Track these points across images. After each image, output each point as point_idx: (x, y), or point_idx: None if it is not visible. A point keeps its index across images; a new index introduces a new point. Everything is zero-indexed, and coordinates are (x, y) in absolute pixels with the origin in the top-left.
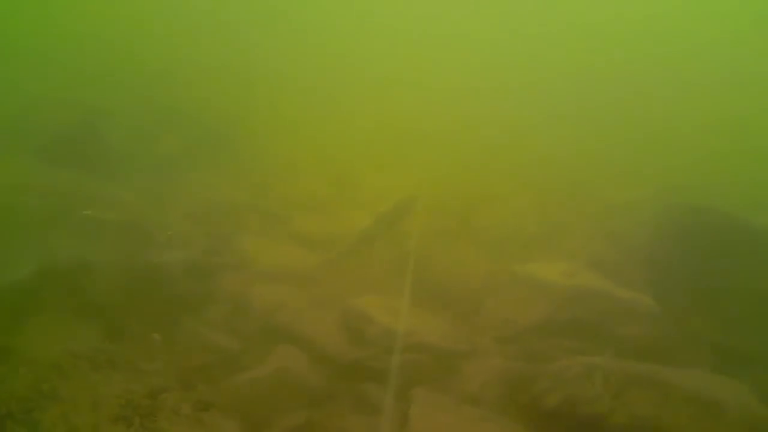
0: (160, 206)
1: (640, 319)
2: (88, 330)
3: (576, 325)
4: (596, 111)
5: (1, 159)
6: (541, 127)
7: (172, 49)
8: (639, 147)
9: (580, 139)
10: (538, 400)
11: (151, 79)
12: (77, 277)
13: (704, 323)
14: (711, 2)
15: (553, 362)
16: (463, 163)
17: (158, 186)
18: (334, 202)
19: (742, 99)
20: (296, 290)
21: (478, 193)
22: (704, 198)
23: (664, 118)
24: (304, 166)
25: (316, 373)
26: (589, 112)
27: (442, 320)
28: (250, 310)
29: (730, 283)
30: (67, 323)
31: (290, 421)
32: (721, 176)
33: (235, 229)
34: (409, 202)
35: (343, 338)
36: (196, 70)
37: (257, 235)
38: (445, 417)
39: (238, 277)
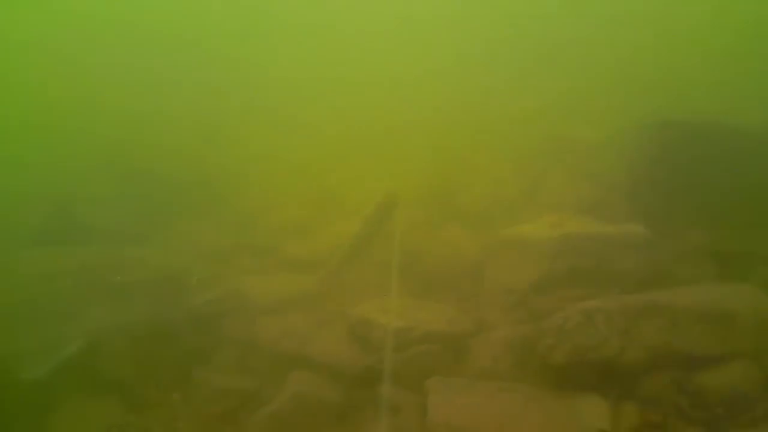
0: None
1: (636, 251)
2: (107, 406)
3: (574, 273)
4: (559, 49)
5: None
6: (510, 80)
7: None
8: (608, 77)
9: (549, 85)
10: (546, 359)
11: (119, 135)
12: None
13: (701, 236)
14: None
15: (553, 317)
16: (437, 143)
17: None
18: (319, 220)
19: None
20: (298, 316)
21: (456, 170)
22: (678, 111)
23: (629, 40)
24: (283, 191)
25: (332, 389)
26: (552, 52)
27: (446, 305)
28: (257, 347)
29: (718, 190)
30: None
31: None
32: (691, 86)
33: (228, 272)
34: (389, 199)
35: (352, 350)
36: (164, 118)
37: (251, 272)
38: (462, 398)
39: (241, 319)
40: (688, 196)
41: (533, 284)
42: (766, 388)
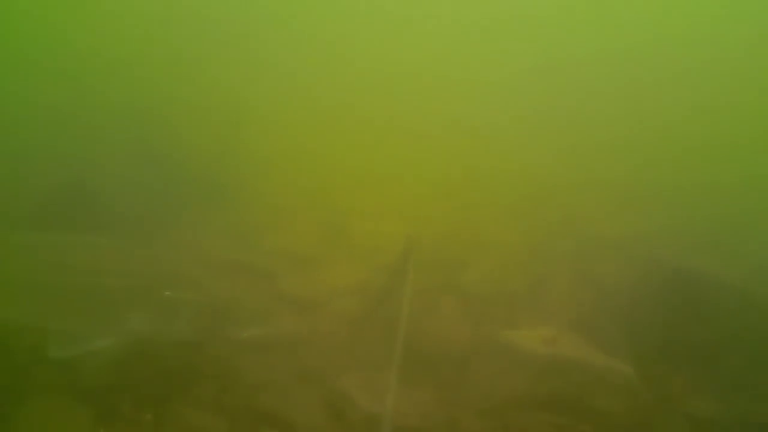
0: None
1: (617, 390)
2: (77, 414)
3: (555, 398)
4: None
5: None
6: (534, 158)
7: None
8: (628, 175)
9: (570, 168)
10: None
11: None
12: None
13: (682, 390)
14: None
15: None
16: (455, 206)
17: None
18: (323, 254)
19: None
20: (283, 363)
21: (469, 239)
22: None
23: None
24: (293, 212)
25: None
26: (580, 137)
27: (423, 394)
28: (237, 387)
29: (709, 347)
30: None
31: None
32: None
33: (216, 291)
34: (409, 245)
35: (325, 420)
36: (180, 110)
37: (245, 297)
38: None
39: (226, 348)
40: (677, 345)
41: (513, 398)
42: None
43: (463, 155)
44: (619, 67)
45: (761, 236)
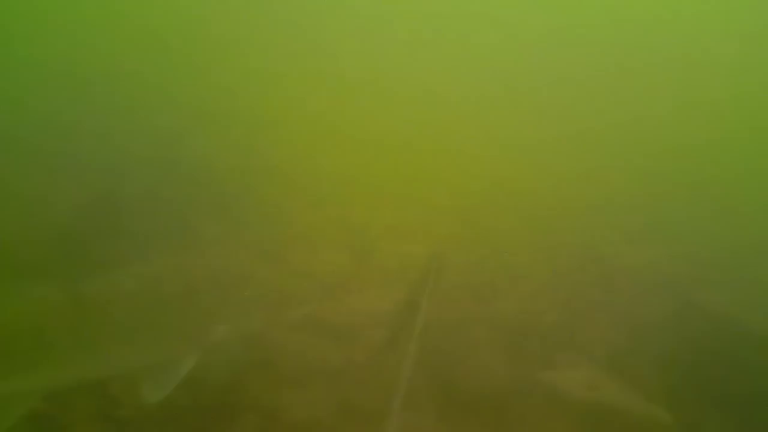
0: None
1: None
2: None
3: None
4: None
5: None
6: (560, 180)
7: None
8: (656, 202)
9: (596, 198)
10: None
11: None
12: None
13: None
14: None
15: None
16: (485, 232)
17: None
18: (353, 279)
19: None
20: (323, 396)
21: (499, 268)
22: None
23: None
24: (320, 234)
25: None
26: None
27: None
28: (283, 424)
29: (743, 395)
30: None
31: None
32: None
33: (243, 316)
34: (434, 263)
35: None
36: (203, 121)
37: (281, 323)
38: None
39: (266, 380)
40: (714, 392)
41: None
42: None
43: (489, 176)
44: (648, 94)
45: None
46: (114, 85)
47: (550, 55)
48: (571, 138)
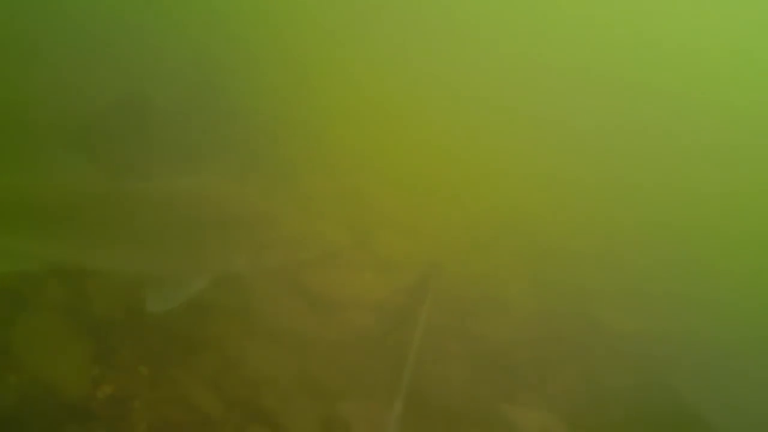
0: None
1: None
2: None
3: None
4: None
5: None
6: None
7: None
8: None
9: (601, 248)
10: None
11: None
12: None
13: None
14: None
15: None
16: (483, 249)
17: None
18: (345, 257)
19: None
20: (290, 361)
21: (490, 289)
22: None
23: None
24: (317, 208)
25: None
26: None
27: None
28: (240, 372)
29: None
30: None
31: None
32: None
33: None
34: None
35: None
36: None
37: (263, 283)
38: None
39: (236, 325)
40: None
41: None
42: None
43: (498, 195)
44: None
45: None
46: None
47: (557, 80)
48: (587, 175)
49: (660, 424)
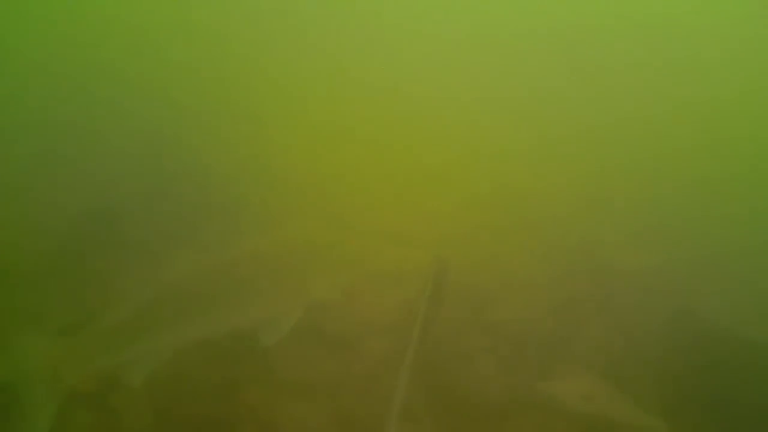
0: None
1: None
2: None
3: None
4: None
5: None
6: (555, 180)
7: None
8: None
9: (593, 199)
10: None
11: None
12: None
13: None
14: None
15: None
16: (481, 235)
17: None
18: (350, 285)
19: None
20: (321, 408)
21: (496, 274)
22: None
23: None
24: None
25: None
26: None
27: None
28: None
29: (740, 402)
30: None
31: None
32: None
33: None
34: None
35: None
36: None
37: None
38: None
39: (263, 391)
40: (711, 400)
41: None
42: None
43: (485, 177)
44: (648, 93)
45: None
46: (107, 85)
47: (547, 57)
48: (570, 138)
49: (695, 351)
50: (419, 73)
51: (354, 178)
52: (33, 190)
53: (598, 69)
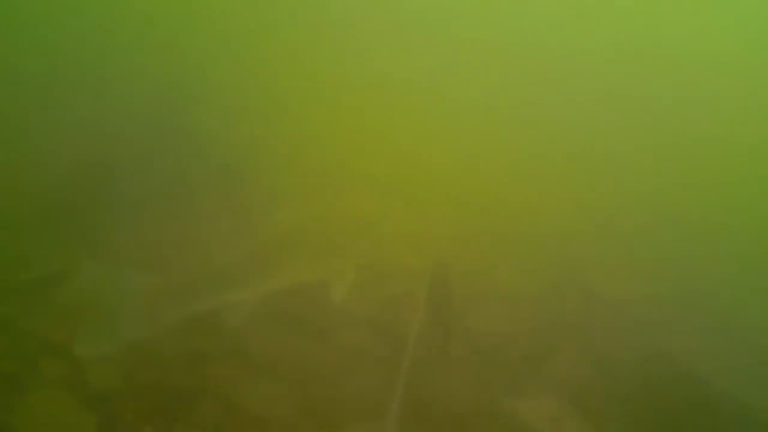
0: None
1: None
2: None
3: None
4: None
5: None
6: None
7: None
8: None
9: (589, 222)
10: None
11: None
12: None
13: None
14: None
15: None
16: (473, 245)
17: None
18: (335, 273)
19: None
20: (288, 393)
21: (482, 285)
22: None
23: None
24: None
25: None
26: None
27: None
28: (241, 415)
29: None
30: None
31: None
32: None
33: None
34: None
35: None
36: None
37: (252, 313)
38: None
39: (232, 369)
40: None
41: None
42: None
43: (482, 188)
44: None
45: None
46: (118, 27)
47: (538, 76)
48: (574, 155)
49: (666, 393)
50: (428, 79)
51: (356, 167)
52: (29, 136)
53: (604, 90)
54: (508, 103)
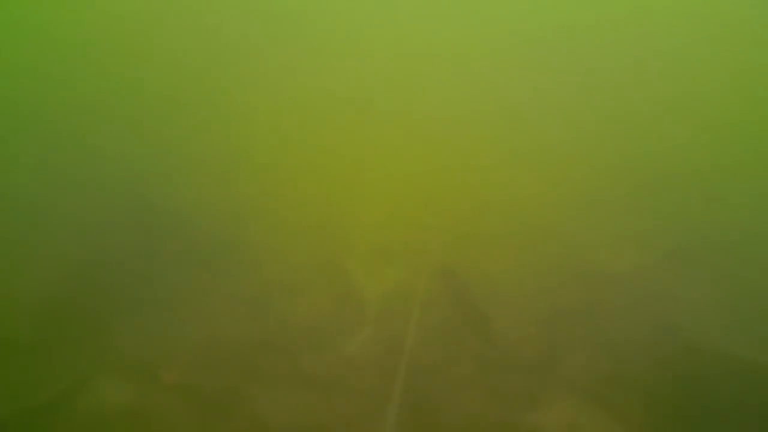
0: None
1: None
2: None
3: None
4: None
5: None
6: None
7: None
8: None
9: (580, 200)
10: None
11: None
12: None
13: None
14: None
15: None
16: (471, 248)
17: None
18: (336, 323)
19: None
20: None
21: (485, 289)
22: None
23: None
24: (303, 279)
25: None
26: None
27: None
28: None
29: (725, 420)
30: None
31: None
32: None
33: (243, 377)
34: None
35: None
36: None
37: (268, 382)
38: None
39: None
40: (693, 419)
41: None
42: None
43: (476, 187)
44: (635, 99)
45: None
46: (105, 137)
47: (539, 64)
48: (560, 142)
49: (677, 367)
50: (409, 91)
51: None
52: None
53: (589, 72)
54: (495, 99)
